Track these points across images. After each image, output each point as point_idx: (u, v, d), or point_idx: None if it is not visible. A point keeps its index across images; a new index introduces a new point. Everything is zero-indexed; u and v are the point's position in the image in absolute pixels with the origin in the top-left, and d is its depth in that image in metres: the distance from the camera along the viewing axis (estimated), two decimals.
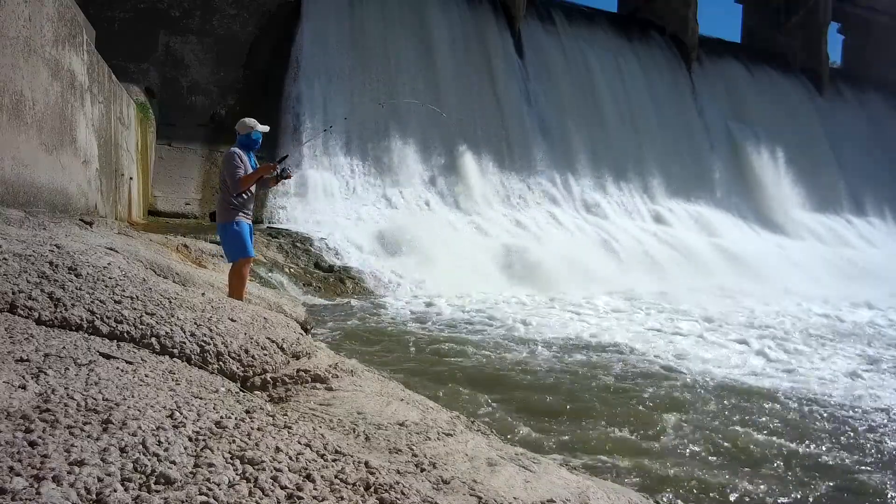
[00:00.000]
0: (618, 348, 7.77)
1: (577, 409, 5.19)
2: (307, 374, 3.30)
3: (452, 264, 13.07)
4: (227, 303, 3.93)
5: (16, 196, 5.75)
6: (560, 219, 18.29)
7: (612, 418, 4.97)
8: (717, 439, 4.68)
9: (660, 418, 5.04)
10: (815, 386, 6.44)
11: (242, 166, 5.36)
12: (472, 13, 20.65)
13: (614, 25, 24.31)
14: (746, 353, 8.00)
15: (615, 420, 4.93)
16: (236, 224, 5.41)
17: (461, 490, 2.01)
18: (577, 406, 5.26)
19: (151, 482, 1.54)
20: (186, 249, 8.63)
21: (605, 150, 21.06)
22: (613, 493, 2.57)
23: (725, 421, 5.14)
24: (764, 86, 26.36)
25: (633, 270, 15.38)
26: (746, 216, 22.86)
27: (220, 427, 1.95)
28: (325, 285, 11.41)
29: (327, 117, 17.12)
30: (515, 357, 6.97)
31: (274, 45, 17.22)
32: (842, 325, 11.06)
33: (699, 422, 5.06)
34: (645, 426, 4.86)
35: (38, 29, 6.17)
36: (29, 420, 1.74)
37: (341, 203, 16.17)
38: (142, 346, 2.95)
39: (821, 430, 5.06)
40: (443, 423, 2.91)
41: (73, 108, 7.29)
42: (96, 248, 4.52)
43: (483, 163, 18.59)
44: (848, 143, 27.40)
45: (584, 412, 5.11)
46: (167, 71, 16.12)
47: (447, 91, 19.03)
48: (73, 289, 3.20)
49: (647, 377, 6.40)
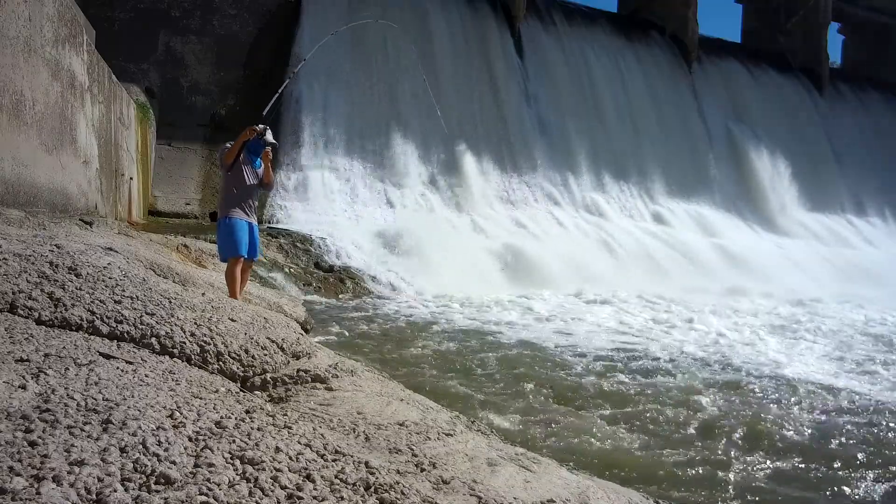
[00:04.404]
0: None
1: (564, 399, 5.19)
2: (307, 374, 3.30)
3: (452, 264, 13.07)
4: (227, 303, 3.93)
5: (16, 196, 5.75)
6: (560, 219, 18.28)
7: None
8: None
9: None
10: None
11: (230, 147, 5.58)
12: (472, 13, 20.63)
13: (614, 25, 24.30)
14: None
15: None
16: (228, 219, 5.41)
17: (461, 490, 2.01)
18: (564, 396, 5.26)
19: (151, 482, 1.54)
20: (186, 249, 8.63)
21: (605, 150, 21.05)
22: (613, 493, 2.57)
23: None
24: (764, 86, 26.35)
25: (633, 270, 15.39)
26: (746, 216, 22.84)
27: (220, 427, 1.95)
28: (326, 285, 11.41)
29: (327, 117, 17.13)
30: (516, 357, 6.97)
31: (274, 45, 17.21)
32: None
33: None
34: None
35: (38, 29, 6.17)
36: (29, 420, 1.74)
37: (341, 203, 16.16)
38: (142, 346, 2.95)
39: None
40: (443, 423, 2.91)
41: (73, 108, 7.29)
42: (96, 248, 4.52)
43: (483, 163, 18.59)
44: (848, 143, 27.37)
45: (573, 405, 5.11)
46: (167, 71, 16.11)
47: (447, 91, 19.02)
48: (73, 289, 3.20)
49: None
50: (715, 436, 4.76)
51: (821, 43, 28.23)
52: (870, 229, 25.28)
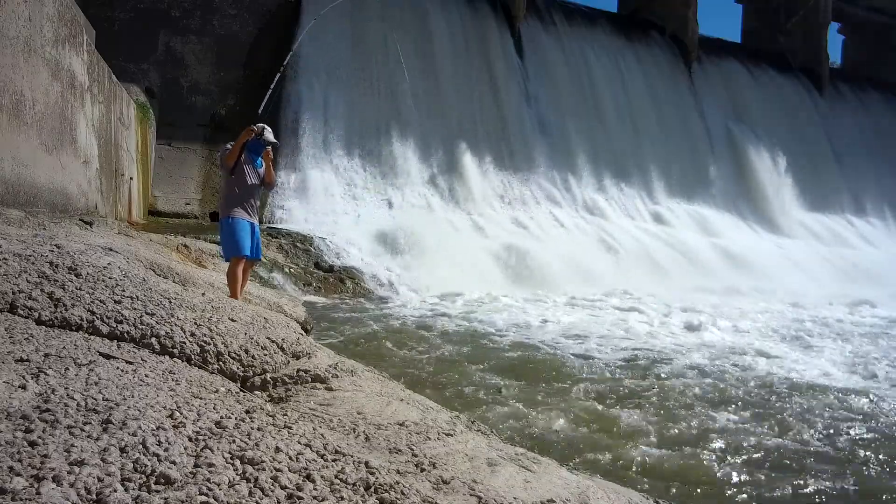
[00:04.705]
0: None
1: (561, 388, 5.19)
2: (307, 374, 3.30)
3: (452, 264, 13.08)
4: (228, 303, 3.93)
5: (16, 196, 5.75)
6: (560, 218, 18.29)
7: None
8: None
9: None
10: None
11: (230, 148, 5.59)
12: (472, 13, 20.63)
13: (614, 25, 24.30)
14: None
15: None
16: (230, 220, 5.42)
17: (461, 490, 2.01)
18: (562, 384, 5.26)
19: (151, 482, 1.54)
20: (186, 249, 8.63)
21: (605, 150, 21.05)
22: (614, 492, 2.57)
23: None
24: (764, 86, 26.34)
25: (633, 270, 15.39)
26: (746, 216, 22.84)
27: (220, 427, 1.95)
28: (326, 285, 11.41)
29: (327, 117, 17.12)
30: (515, 356, 6.97)
31: (274, 45, 17.19)
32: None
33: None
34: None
35: (38, 29, 6.17)
36: (29, 420, 1.74)
37: (341, 203, 16.16)
38: (142, 346, 2.95)
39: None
40: (443, 423, 2.91)
41: (73, 108, 7.29)
42: (96, 248, 4.52)
43: (483, 163, 18.59)
44: (848, 143, 27.38)
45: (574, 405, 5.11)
46: (167, 71, 16.11)
47: (447, 91, 19.03)
48: (73, 289, 3.20)
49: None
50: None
51: (821, 43, 28.23)
52: (870, 229, 25.28)
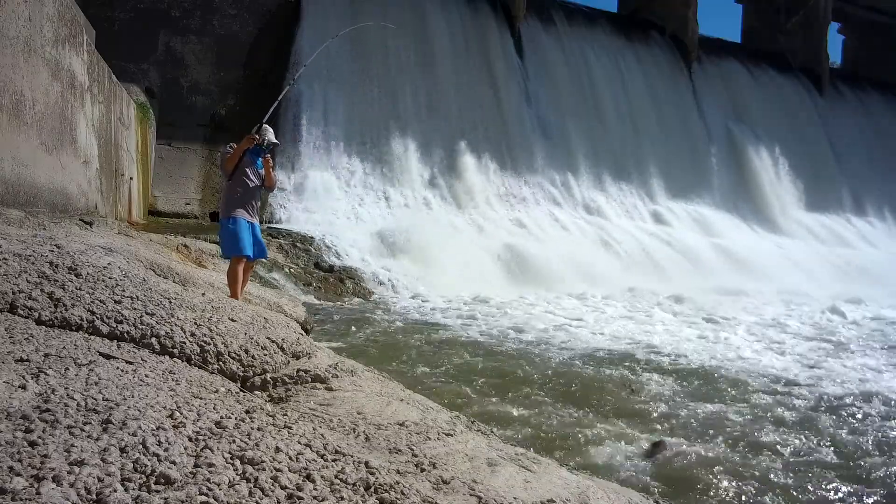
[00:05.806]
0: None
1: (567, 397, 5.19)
2: (307, 374, 3.30)
3: (452, 264, 13.08)
4: (228, 303, 3.93)
5: (16, 196, 5.75)
6: (560, 218, 18.29)
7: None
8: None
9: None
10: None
11: (231, 151, 5.58)
12: (471, 13, 20.63)
13: (614, 25, 24.30)
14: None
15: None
16: (231, 220, 5.42)
17: (461, 490, 2.01)
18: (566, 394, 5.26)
19: (151, 482, 1.54)
20: (186, 249, 8.62)
21: (605, 150, 21.06)
22: (613, 492, 2.57)
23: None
24: (764, 86, 26.34)
25: (633, 270, 15.39)
26: (746, 216, 22.85)
27: (220, 427, 1.95)
28: (326, 285, 11.41)
29: (327, 117, 17.12)
30: (516, 355, 6.97)
31: (274, 46, 17.21)
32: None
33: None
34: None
35: (38, 29, 6.17)
36: (29, 420, 1.74)
37: (341, 203, 16.17)
38: (142, 346, 2.95)
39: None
40: (443, 423, 2.91)
41: (73, 108, 7.29)
42: (96, 248, 4.52)
43: (483, 163, 18.59)
44: (848, 143, 27.38)
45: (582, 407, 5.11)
46: (167, 71, 16.11)
47: (447, 91, 19.02)
48: (73, 289, 3.20)
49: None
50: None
51: (821, 43, 28.23)
52: (870, 229, 25.28)
